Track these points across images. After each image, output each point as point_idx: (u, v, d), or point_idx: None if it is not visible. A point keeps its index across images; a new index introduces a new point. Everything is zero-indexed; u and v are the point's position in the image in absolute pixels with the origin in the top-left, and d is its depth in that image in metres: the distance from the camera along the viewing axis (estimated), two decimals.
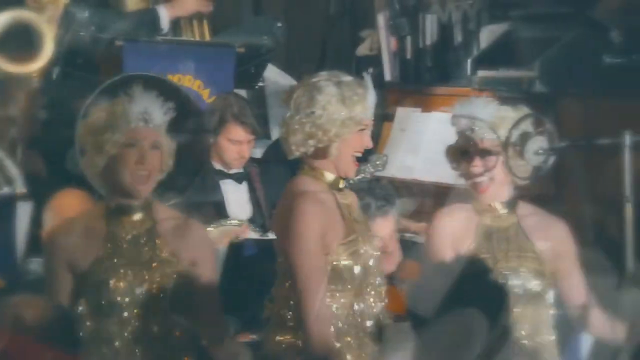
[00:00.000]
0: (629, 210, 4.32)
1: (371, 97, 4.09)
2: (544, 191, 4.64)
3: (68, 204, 4.74)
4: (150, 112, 4.01)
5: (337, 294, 3.98)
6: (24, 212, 5.21)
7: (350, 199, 4.11)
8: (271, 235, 5.24)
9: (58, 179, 5.43)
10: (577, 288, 4.32)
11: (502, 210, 4.26)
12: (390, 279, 4.46)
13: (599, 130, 4.70)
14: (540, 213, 4.34)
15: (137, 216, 4.04)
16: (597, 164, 4.89)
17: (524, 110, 4.26)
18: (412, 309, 3.37)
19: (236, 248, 4.80)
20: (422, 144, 5.90)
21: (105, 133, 4.00)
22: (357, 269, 4.00)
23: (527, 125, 4.20)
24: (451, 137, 5.73)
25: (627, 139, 4.35)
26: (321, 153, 4.04)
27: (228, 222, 5.30)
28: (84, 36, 5.93)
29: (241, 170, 5.63)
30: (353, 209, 4.09)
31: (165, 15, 6.19)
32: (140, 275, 3.97)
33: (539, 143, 4.20)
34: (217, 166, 5.60)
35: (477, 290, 3.19)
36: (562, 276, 4.28)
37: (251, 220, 5.41)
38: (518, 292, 4.19)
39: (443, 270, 4.20)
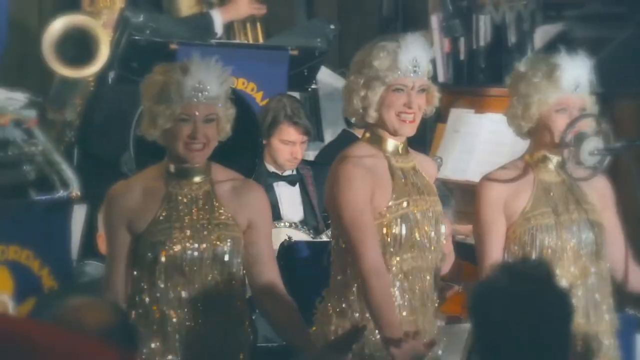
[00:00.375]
0: None
1: (406, 54, 3.98)
2: None
3: None
4: (205, 85, 3.93)
5: (396, 256, 3.97)
6: (79, 215, 5.23)
7: (411, 163, 4.07)
8: (324, 237, 5.23)
9: (112, 182, 5.45)
10: (618, 242, 4.26)
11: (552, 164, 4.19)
12: (445, 281, 4.42)
13: None
14: None
15: (196, 179, 4.00)
16: None
17: None
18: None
19: (288, 250, 4.79)
20: (476, 145, 5.86)
21: (158, 105, 3.93)
22: (404, 230, 3.97)
23: (583, 126, 4.16)
24: (504, 139, 5.71)
25: None
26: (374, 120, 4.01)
27: (281, 224, 5.29)
28: (139, 40, 5.95)
29: (294, 173, 5.62)
30: (411, 173, 4.04)
31: (219, 19, 6.21)
32: (197, 237, 3.94)
33: (594, 143, 4.15)
34: (271, 168, 5.60)
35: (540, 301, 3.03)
36: (606, 229, 4.22)
37: (303, 223, 5.40)
38: (581, 245, 4.14)
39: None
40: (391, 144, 4.05)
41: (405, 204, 4.01)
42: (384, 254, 3.97)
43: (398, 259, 3.99)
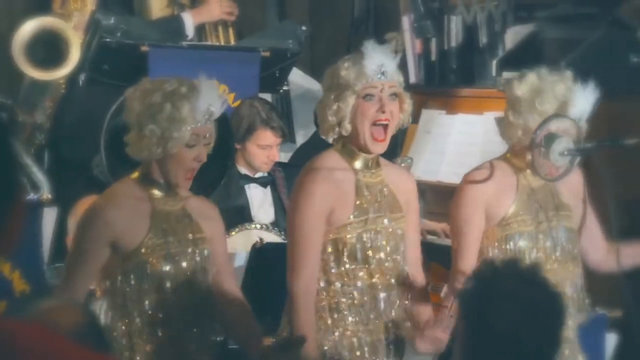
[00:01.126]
0: None
1: (370, 60, 3.96)
2: None
3: None
4: (214, 109, 3.86)
5: (352, 272, 3.95)
6: (50, 218, 5.20)
7: (380, 177, 4.03)
8: None
9: (83, 185, 5.42)
10: (594, 227, 4.28)
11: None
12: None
13: (625, 130, 4.65)
14: None
15: (176, 196, 3.98)
16: (623, 165, 4.83)
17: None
18: None
19: (259, 251, 4.78)
20: (447, 146, 5.85)
21: (169, 129, 3.83)
22: (359, 246, 3.95)
23: (553, 127, 4.15)
24: (476, 139, 5.71)
25: None
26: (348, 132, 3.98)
27: (252, 225, 5.28)
28: (110, 42, 5.91)
29: (265, 175, 5.61)
30: (377, 188, 4.01)
31: (190, 21, 6.19)
32: (184, 252, 3.95)
33: (564, 144, 4.15)
34: (243, 171, 5.59)
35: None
36: (583, 226, 4.24)
37: (275, 224, 5.39)
38: (556, 251, 4.14)
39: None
40: (361, 159, 4.02)
41: (365, 220, 3.98)
42: (339, 268, 3.96)
43: (353, 274, 3.97)
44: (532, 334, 2.89)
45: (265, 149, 5.52)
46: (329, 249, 3.98)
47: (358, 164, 4.02)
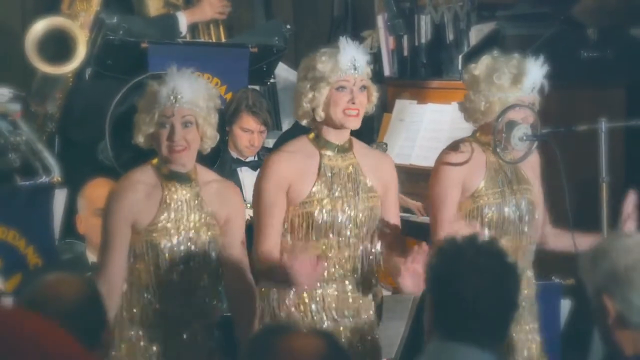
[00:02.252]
0: (604, 190, 4.30)
1: (345, 57, 4.00)
2: None
3: (98, 192, 4.74)
4: (178, 90, 3.93)
5: (317, 241, 3.99)
6: (60, 198, 5.21)
7: (349, 161, 4.06)
8: None
9: (90, 168, 5.43)
10: (541, 208, 4.33)
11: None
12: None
13: (577, 117, 4.68)
14: None
15: (187, 181, 4.01)
16: (575, 148, 4.87)
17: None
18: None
19: (249, 228, 4.79)
20: (418, 132, 5.88)
21: (142, 114, 3.98)
22: (325, 223, 3.98)
23: (513, 114, 4.18)
24: (444, 126, 5.73)
25: (603, 125, 4.34)
26: (318, 119, 4.01)
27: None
28: (113, 40, 5.91)
29: (256, 159, 5.62)
30: (344, 172, 4.04)
31: (184, 20, 6.19)
32: (187, 237, 3.96)
33: (523, 130, 4.18)
34: (235, 155, 5.60)
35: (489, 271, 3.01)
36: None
37: None
38: (519, 221, 4.18)
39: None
40: (330, 145, 4.05)
41: (327, 198, 4.01)
42: (307, 241, 3.98)
43: (317, 246, 4.00)
44: (491, 300, 2.93)
45: (247, 133, 5.53)
46: (298, 223, 4.00)
47: (327, 151, 4.05)
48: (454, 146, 4.26)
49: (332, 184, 4.01)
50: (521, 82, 4.13)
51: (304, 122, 4.08)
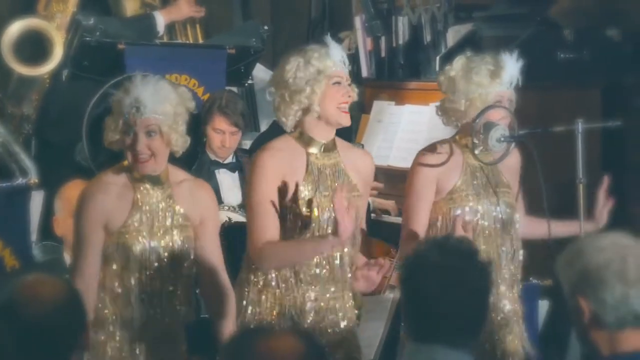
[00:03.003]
0: (581, 190, 4.32)
1: (336, 52, 4.03)
2: None
3: (75, 194, 4.70)
4: (141, 101, 3.92)
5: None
6: (37, 200, 5.18)
7: (334, 160, 4.06)
8: None
9: (67, 170, 5.40)
10: (519, 201, 4.36)
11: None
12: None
13: (554, 118, 4.69)
14: None
15: (159, 182, 3.99)
16: (552, 149, 4.88)
17: None
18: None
19: (228, 230, 4.79)
20: (396, 133, 5.89)
21: (108, 120, 3.98)
22: (312, 220, 3.96)
23: (490, 115, 4.19)
24: (422, 127, 5.73)
25: (580, 126, 4.35)
26: (307, 113, 4.00)
27: (221, 207, 5.28)
28: (89, 41, 5.89)
29: (234, 161, 5.61)
30: (329, 170, 4.03)
31: (161, 19, 6.18)
32: (159, 237, 3.95)
33: (501, 131, 4.19)
34: (212, 157, 5.58)
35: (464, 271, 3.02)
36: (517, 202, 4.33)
37: (241, 206, 5.39)
38: (495, 224, 4.19)
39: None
40: (316, 144, 4.04)
41: (313, 195, 3.99)
42: (292, 237, 3.97)
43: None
44: (458, 300, 2.94)
45: (219, 134, 5.50)
46: (290, 220, 3.98)
47: (313, 149, 4.04)
48: (431, 147, 4.27)
49: (319, 182, 4.00)
50: (500, 76, 4.15)
51: (290, 123, 4.04)
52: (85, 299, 3.76)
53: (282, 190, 3.98)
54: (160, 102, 3.94)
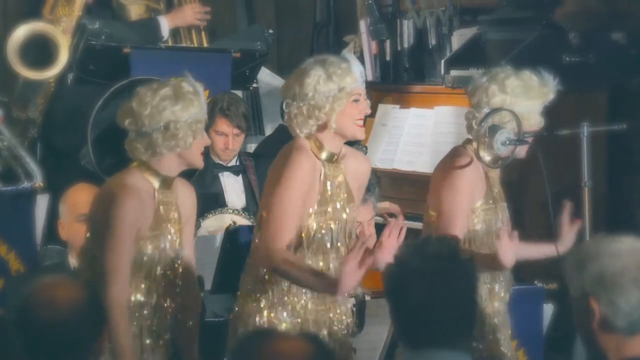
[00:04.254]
0: (587, 194, 4.30)
1: (357, 68, 4.01)
2: (511, 178, 4.62)
3: (80, 197, 4.71)
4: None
5: (310, 258, 3.92)
6: (42, 204, 5.18)
7: (340, 173, 4.01)
8: None
9: (72, 174, 5.40)
10: None
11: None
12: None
13: (559, 122, 4.68)
14: None
15: (170, 186, 3.96)
16: (558, 153, 4.87)
17: None
18: None
19: (232, 233, 4.78)
20: (401, 137, 5.88)
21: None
22: (318, 236, 3.93)
23: (496, 119, 4.18)
24: (426, 131, 5.72)
25: (585, 129, 4.34)
26: (323, 127, 3.97)
27: (226, 210, 5.27)
28: (95, 45, 5.89)
29: (238, 164, 5.60)
30: (336, 184, 4.00)
31: (165, 24, 6.18)
32: (172, 240, 3.92)
33: (506, 134, 4.18)
34: (216, 160, 5.58)
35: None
36: None
37: (246, 209, 5.38)
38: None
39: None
40: (328, 154, 4.01)
41: (325, 211, 3.96)
42: (298, 253, 3.93)
43: (312, 260, 3.94)
44: (444, 302, 2.92)
45: (221, 136, 5.50)
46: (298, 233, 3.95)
47: (324, 156, 4.01)
48: (456, 151, 4.22)
49: (330, 193, 3.98)
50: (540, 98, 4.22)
51: (303, 134, 3.99)
52: (124, 306, 3.75)
53: (305, 204, 3.93)
54: None
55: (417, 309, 2.92)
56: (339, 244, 3.98)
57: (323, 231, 3.94)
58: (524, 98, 4.17)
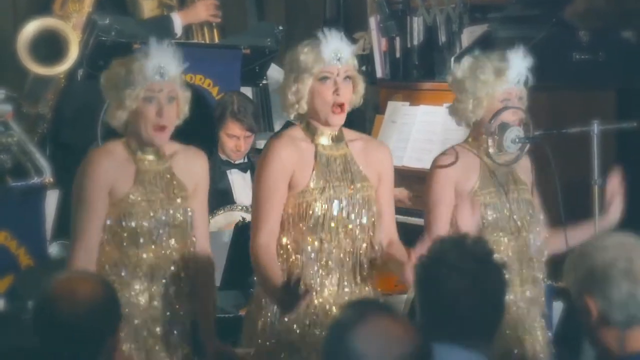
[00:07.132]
0: (596, 193, 4.30)
1: (329, 46, 3.92)
2: None
3: None
4: (165, 66, 3.84)
5: (313, 234, 3.90)
6: (52, 199, 5.19)
7: (342, 151, 3.99)
8: None
9: None
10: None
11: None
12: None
13: (569, 120, 4.67)
14: None
15: (158, 156, 3.92)
16: (568, 151, 4.86)
17: None
18: None
19: (242, 229, 4.79)
20: (410, 134, 5.87)
21: (125, 89, 3.84)
22: (319, 212, 3.90)
23: (505, 116, 4.17)
24: (436, 128, 5.72)
25: (595, 127, 4.33)
26: (313, 111, 3.95)
27: (234, 207, 5.28)
28: (105, 41, 5.89)
29: (246, 161, 5.61)
30: (338, 161, 3.97)
31: (178, 21, 6.19)
32: (162, 210, 3.86)
33: (515, 132, 4.17)
34: (224, 157, 5.58)
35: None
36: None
37: None
38: (519, 220, 4.16)
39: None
40: (323, 133, 3.99)
41: (323, 189, 3.94)
42: (300, 232, 3.90)
43: (314, 237, 3.91)
44: (472, 302, 2.93)
45: (232, 139, 5.51)
46: (293, 212, 3.91)
47: (320, 139, 3.98)
48: (445, 151, 4.26)
49: (328, 173, 3.95)
50: (505, 73, 4.13)
51: (291, 116, 4.03)
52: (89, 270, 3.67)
53: (292, 182, 3.91)
54: (178, 68, 3.88)
55: (445, 304, 2.93)
56: (342, 225, 3.91)
57: (325, 207, 3.90)
58: (473, 77, 4.12)
